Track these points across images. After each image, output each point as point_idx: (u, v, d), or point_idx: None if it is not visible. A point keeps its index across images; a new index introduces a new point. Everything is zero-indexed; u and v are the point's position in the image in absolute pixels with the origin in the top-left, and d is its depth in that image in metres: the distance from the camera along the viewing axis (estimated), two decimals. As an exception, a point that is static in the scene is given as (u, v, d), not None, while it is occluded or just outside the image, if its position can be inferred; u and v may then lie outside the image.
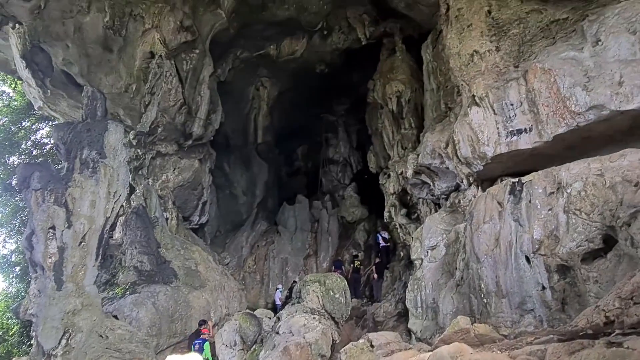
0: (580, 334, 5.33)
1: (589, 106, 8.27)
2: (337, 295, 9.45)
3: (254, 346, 8.71)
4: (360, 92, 21.90)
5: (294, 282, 16.52)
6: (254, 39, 19.77)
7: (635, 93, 7.72)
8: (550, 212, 8.02)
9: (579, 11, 9.63)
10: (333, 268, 17.78)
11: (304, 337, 8.01)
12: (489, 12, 11.26)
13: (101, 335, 10.07)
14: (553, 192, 8.12)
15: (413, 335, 11.89)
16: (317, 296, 9.32)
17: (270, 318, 9.58)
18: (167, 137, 16.37)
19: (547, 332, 6.26)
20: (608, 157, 7.65)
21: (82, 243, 11.02)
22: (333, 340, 8.53)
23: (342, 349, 7.31)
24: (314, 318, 8.64)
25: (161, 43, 14.96)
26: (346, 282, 10.10)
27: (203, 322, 10.81)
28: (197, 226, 18.78)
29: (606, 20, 8.60)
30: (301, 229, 21.62)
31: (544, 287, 7.80)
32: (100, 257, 11.53)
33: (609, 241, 7.03)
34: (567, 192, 7.79)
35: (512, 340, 6.54)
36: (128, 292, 12.50)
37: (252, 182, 23.05)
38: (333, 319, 9.16)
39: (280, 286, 18.39)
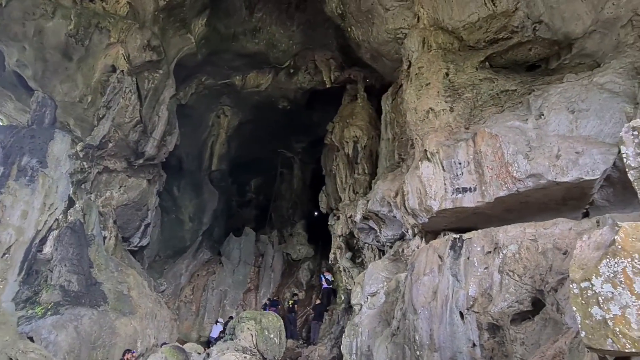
0: (503, 394, 5.44)
1: (529, 174, 8.78)
2: (272, 335, 9.22)
3: (178, 383, 8.28)
4: (319, 133, 22.30)
5: (230, 317, 16.03)
6: (220, 67, 19.90)
7: (570, 167, 8.29)
8: (486, 270, 8.30)
9: (526, 85, 10.38)
10: (267, 306, 17.46)
11: (231, 377, 7.72)
12: (447, 74, 11.92)
13: (11, 358, 9.26)
14: (490, 252, 8.42)
15: (345, 383, 11.72)
16: (252, 334, 9.06)
17: (199, 354, 9.18)
18: (117, 153, 15.87)
19: (472, 390, 6.35)
20: (542, 224, 8.07)
21: (6, 255, 10.29)
22: (262, 382, 8.25)
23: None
24: (245, 357, 8.37)
25: (125, 59, 14.74)
26: (282, 322, 9.92)
27: (127, 352, 10.19)
28: (136, 248, 18.03)
29: (549, 97, 9.30)
30: (245, 262, 21.22)
31: (474, 344, 7.95)
32: (24, 271, 10.79)
33: (537, 304, 7.32)
34: (503, 253, 8.11)
35: (439, 395, 6.57)
36: (49, 313, 11.66)
37: (201, 209, 22.57)
38: (265, 359, 8.90)
39: (220, 320, 17.78)
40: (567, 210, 8.84)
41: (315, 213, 24.03)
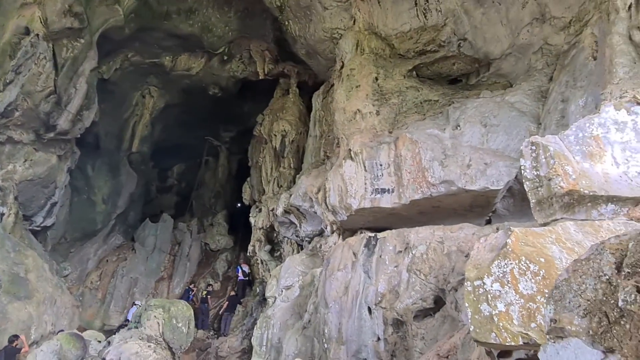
0: (399, 385, 5.74)
1: (442, 180, 9.33)
2: (180, 325, 8.99)
3: (73, 371, 7.81)
4: (249, 124, 22.05)
5: (134, 303, 15.41)
6: (150, 45, 18.97)
7: (479, 176, 8.92)
8: (396, 268, 8.69)
9: (447, 97, 11.00)
10: (188, 290, 17.11)
11: (133, 366, 7.43)
12: (376, 78, 12.31)
13: None
14: (401, 251, 8.84)
15: (252, 374, 11.72)
16: (158, 323, 8.77)
17: (100, 342, 8.71)
18: (24, 123, 14.59)
19: (372, 381, 6.64)
20: (449, 228, 8.61)
21: None
22: (166, 371, 8.03)
23: (173, 382, 6.91)
24: (149, 346, 8.08)
25: (41, 22, 13.58)
26: (192, 312, 9.71)
27: (15, 338, 9.42)
28: (39, 228, 16.70)
29: (466, 110, 9.94)
30: (160, 249, 20.44)
31: (379, 338, 8.31)
32: None
33: (438, 302, 7.80)
34: (412, 253, 8.55)
35: (341, 386, 6.79)
36: None
37: (116, 192, 21.39)
38: (170, 349, 8.66)
39: (138, 303, 16.93)
40: (473, 217, 9.50)
41: (238, 204, 23.74)
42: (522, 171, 4.67)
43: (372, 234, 9.78)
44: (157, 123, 22.94)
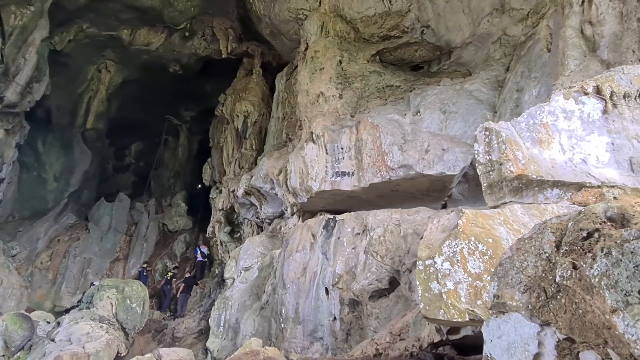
0: (352, 363, 5.89)
1: (401, 164, 9.50)
2: (135, 305, 8.82)
3: (19, 353, 7.52)
4: (210, 103, 21.59)
5: (92, 284, 14.99)
6: (106, 16, 18.12)
7: (436, 162, 9.13)
8: (353, 250, 8.84)
9: (409, 83, 11.14)
10: (144, 269, 16.81)
11: (83, 347, 7.23)
12: (340, 62, 12.29)
13: None
14: (359, 233, 8.99)
15: (209, 355, 11.70)
16: (111, 303, 8.56)
17: (49, 322, 8.44)
18: (-33, 94, 13.75)
19: (327, 359, 6.77)
20: (407, 211, 8.81)
21: None
22: (118, 352, 7.87)
23: (125, 363, 6.80)
24: (101, 327, 7.89)
25: (-14, -14, 12.73)
26: (147, 292, 9.53)
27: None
28: (-16, 205, 15.90)
29: (427, 97, 10.10)
30: (115, 229, 19.88)
31: (335, 318, 8.47)
32: None
33: (393, 283, 8.01)
34: (370, 235, 8.71)
35: (297, 364, 6.89)
36: None
37: (69, 169, 20.55)
38: (124, 329, 8.50)
39: (96, 283, 16.42)
40: (430, 201, 9.75)
41: (198, 185, 23.33)
42: (476, 155, 4.81)
43: (331, 216, 9.89)
44: (113, 99, 22.09)
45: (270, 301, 10.63)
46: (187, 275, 16.68)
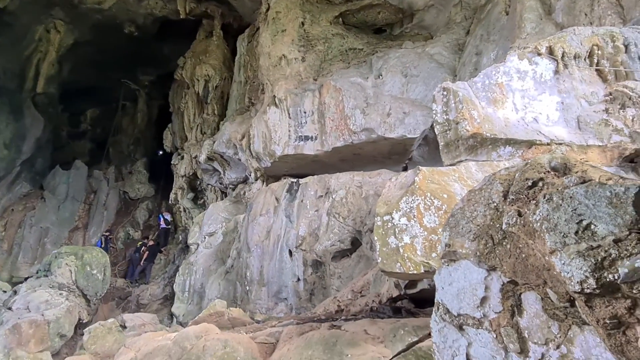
0: (315, 319, 6.06)
1: (363, 128, 9.56)
2: (95, 272, 8.69)
3: (-24, 321, 7.34)
4: (169, 67, 20.78)
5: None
6: (53, -29, 16.96)
7: (397, 125, 9.24)
8: (316, 213, 8.95)
9: (371, 46, 11.08)
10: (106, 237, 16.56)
11: (42, 315, 7.12)
12: (303, 23, 12.05)
13: None
14: (322, 196, 9.08)
15: (175, 319, 11.75)
16: (70, 270, 8.40)
17: (5, 291, 8.22)
18: None
19: (290, 317, 6.94)
20: (368, 174, 8.95)
21: None
22: (80, 319, 7.80)
23: (86, 329, 6.75)
24: (61, 294, 7.76)
25: None
26: (108, 258, 9.39)
27: None
28: None
29: (389, 60, 10.10)
30: (73, 198, 19.26)
31: (299, 279, 8.64)
32: None
33: (355, 243, 8.21)
34: (332, 198, 8.82)
35: (261, 324, 7.04)
36: None
37: (20, 136, 19.55)
38: (85, 296, 8.39)
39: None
40: (391, 164, 9.91)
41: (159, 152, 22.76)
42: (434, 115, 4.90)
43: (295, 180, 9.93)
44: (65, 62, 20.95)
45: (235, 265, 10.70)
46: (151, 243, 16.48)
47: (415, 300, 5.40)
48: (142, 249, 16.74)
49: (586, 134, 4.47)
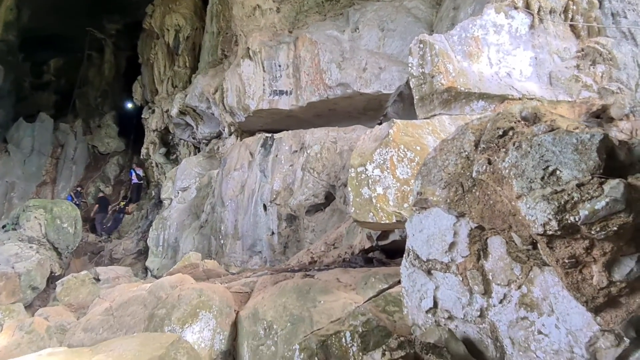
0: (289, 270, 6.19)
1: (339, 82, 9.46)
2: (66, 225, 8.56)
3: (-58, 275, 7.17)
4: (137, 15, 19.81)
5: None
6: None
7: (373, 80, 9.18)
8: (291, 167, 8.97)
9: (349, -2, 10.79)
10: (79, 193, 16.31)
11: (12, 268, 7.03)
12: (278, -29, 11.59)
13: None
14: (296, 151, 9.07)
15: (149, 273, 11.81)
16: (40, 223, 8.24)
17: (-27, 246, 8.03)
18: None
19: (265, 269, 7.08)
20: (343, 129, 8.96)
21: None
22: (52, 272, 7.74)
23: (59, 281, 6.72)
24: (31, 247, 7.65)
25: None
26: (78, 212, 9.23)
27: None
28: None
29: (366, 13, 9.90)
30: (39, 152, 18.64)
31: (273, 233, 8.74)
32: None
33: (329, 197, 8.31)
34: (307, 152, 8.83)
35: (236, 275, 7.16)
36: None
37: (-21, 86, 18.61)
38: (56, 249, 8.29)
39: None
40: (366, 120, 9.91)
41: (129, 105, 22.05)
42: (409, 68, 4.88)
43: (269, 134, 9.85)
44: (24, 7, 19.73)
45: (209, 220, 10.72)
46: (100, 194, 16.43)
47: (387, 251, 5.57)
48: (125, 208, 16.58)
49: (557, 89, 4.55)
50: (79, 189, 17.57)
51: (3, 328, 5.65)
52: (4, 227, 12.41)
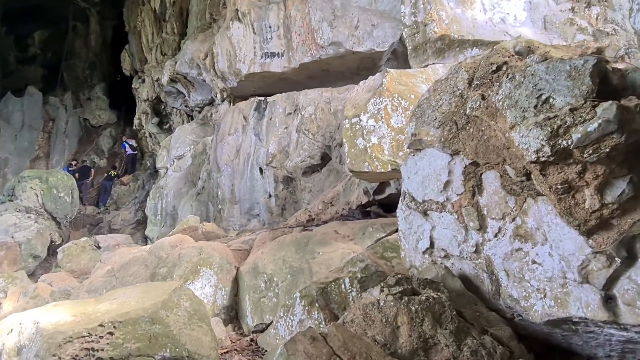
0: (287, 227, 6.26)
1: (331, 42, 9.30)
2: (62, 194, 8.56)
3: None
4: (122, -18, 19.25)
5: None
6: None
7: (366, 38, 9.02)
8: (285, 130, 8.92)
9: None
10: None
11: (12, 237, 7.07)
12: None
13: None
14: (291, 113, 9.01)
15: (149, 241, 11.90)
16: (36, 194, 8.23)
17: (-29, 218, 8.05)
18: None
19: (263, 229, 7.14)
20: (337, 89, 8.87)
21: None
22: (52, 241, 7.80)
23: (60, 248, 6.78)
24: (29, 217, 7.68)
25: None
26: (74, 181, 9.21)
27: None
28: None
29: (357, -32, 9.61)
30: (30, 126, 18.45)
31: (270, 195, 8.77)
32: None
33: (325, 158, 8.30)
34: (301, 114, 8.76)
35: (235, 236, 7.23)
36: None
37: (-37, 61, 18.22)
38: (55, 219, 8.32)
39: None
40: (360, 80, 9.67)
41: (118, 76, 21.67)
42: (402, 18, 4.80)
43: (262, 98, 9.74)
44: (4, -23, 19.13)
45: (206, 186, 10.73)
46: (83, 164, 16.55)
47: (384, 205, 5.61)
48: (118, 179, 16.56)
49: (551, 33, 4.50)
50: (73, 162, 17.48)
51: (7, 294, 5.74)
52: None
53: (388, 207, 5.57)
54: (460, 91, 2.66)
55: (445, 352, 2.26)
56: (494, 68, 2.49)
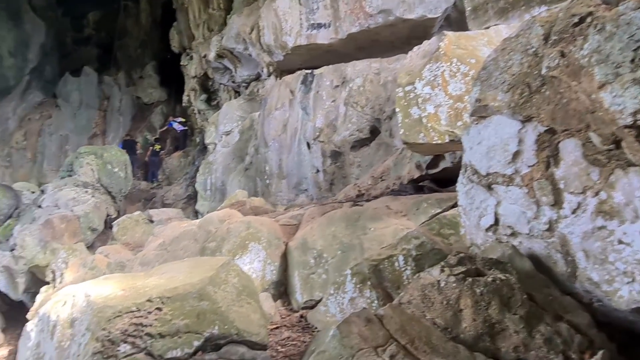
0: (336, 203, 6.12)
1: (380, 9, 8.91)
2: (117, 170, 8.82)
3: (9, 221, 7.67)
4: (170, -41, 19.35)
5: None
6: None
7: (417, 4, 8.57)
8: (333, 103, 8.70)
9: None
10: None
11: (71, 210, 7.37)
12: None
13: None
14: (338, 86, 8.75)
15: (199, 216, 12.17)
16: (92, 169, 8.53)
17: (34, 192, 8.47)
18: None
19: (312, 204, 7.05)
20: (386, 60, 8.51)
21: None
22: (108, 214, 8.09)
23: (115, 222, 7.00)
24: (86, 192, 7.97)
25: None
26: (127, 157, 9.48)
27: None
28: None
29: None
30: (87, 105, 19.19)
31: (318, 170, 8.65)
32: None
33: (374, 131, 8.04)
34: (349, 87, 8.50)
35: (283, 211, 7.19)
36: None
37: (24, 43, 19.05)
38: (110, 193, 8.61)
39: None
40: (410, 49, 9.35)
41: (168, 54, 22.02)
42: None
43: (309, 71, 9.53)
44: (59, -40, 19.71)
45: (253, 161, 10.75)
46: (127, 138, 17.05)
47: (438, 180, 5.33)
48: (160, 153, 16.97)
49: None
50: (127, 137, 18.06)
51: (68, 265, 5.98)
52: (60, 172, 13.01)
53: (442, 182, 5.28)
54: (534, 49, 2.35)
55: (514, 339, 2.05)
56: (577, 20, 2.16)
